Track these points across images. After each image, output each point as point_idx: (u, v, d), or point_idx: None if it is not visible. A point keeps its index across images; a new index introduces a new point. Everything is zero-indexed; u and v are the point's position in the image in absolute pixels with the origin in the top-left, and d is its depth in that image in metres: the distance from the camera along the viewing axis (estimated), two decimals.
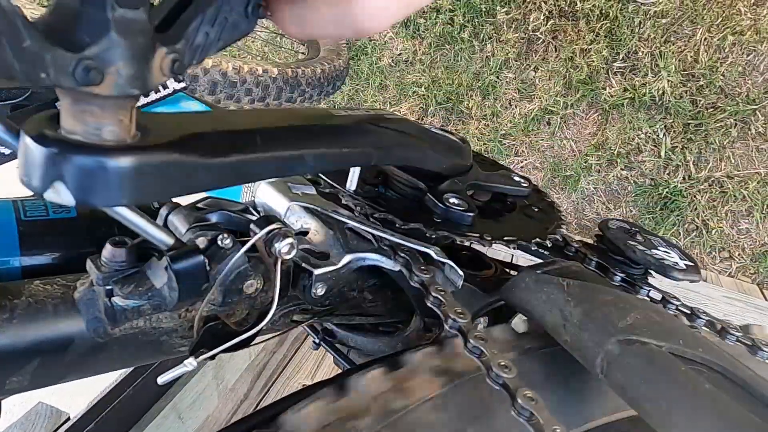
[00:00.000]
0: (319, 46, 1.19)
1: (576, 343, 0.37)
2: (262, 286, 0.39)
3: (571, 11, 2.21)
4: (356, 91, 2.53)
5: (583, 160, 2.21)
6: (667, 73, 2.07)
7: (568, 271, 0.43)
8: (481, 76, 2.33)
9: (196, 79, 0.93)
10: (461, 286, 0.44)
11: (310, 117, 0.34)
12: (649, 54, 2.11)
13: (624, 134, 2.15)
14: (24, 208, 0.41)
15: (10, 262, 0.38)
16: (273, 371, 1.54)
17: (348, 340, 0.58)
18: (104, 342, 0.35)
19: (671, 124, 2.10)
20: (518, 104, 2.31)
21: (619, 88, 2.15)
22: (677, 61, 2.08)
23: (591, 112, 2.23)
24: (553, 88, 2.24)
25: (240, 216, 0.40)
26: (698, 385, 0.31)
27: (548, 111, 2.25)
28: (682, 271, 0.50)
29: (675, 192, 2.10)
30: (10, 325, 0.32)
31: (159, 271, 0.33)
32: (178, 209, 0.39)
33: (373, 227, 0.41)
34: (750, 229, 2.07)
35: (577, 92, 2.20)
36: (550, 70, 2.25)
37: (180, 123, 0.26)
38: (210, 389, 1.36)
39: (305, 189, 0.43)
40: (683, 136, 2.09)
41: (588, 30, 2.17)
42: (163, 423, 1.18)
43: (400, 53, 2.44)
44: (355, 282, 0.50)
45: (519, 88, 2.30)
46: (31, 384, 0.34)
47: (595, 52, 2.16)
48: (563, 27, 2.22)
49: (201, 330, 0.36)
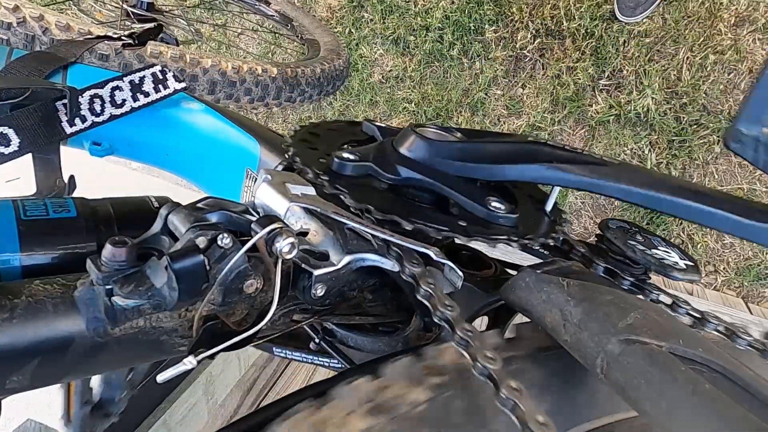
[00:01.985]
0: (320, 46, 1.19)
1: (576, 343, 0.37)
2: (262, 286, 0.39)
3: (557, 30, 2.25)
4: (347, 107, 2.56)
5: None
6: (652, 90, 2.11)
7: (568, 271, 0.43)
8: (470, 93, 2.37)
9: (195, 79, 0.93)
10: (461, 286, 0.44)
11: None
12: (634, 72, 2.16)
13: (610, 150, 2.21)
14: (24, 207, 0.41)
15: (10, 262, 0.38)
16: (263, 387, 1.54)
17: (348, 340, 0.58)
18: (104, 342, 0.35)
19: (656, 141, 2.15)
20: (507, 120, 2.35)
21: (605, 105, 2.20)
22: (661, 79, 2.13)
23: (578, 129, 2.27)
24: (540, 105, 2.28)
25: (240, 216, 0.40)
26: (698, 385, 0.31)
27: (536, 127, 2.29)
28: (682, 270, 0.50)
29: None
30: (10, 325, 0.32)
31: (159, 270, 0.33)
32: (178, 209, 0.39)
33: (372, 228, 0.41)
34: (734, 243, 2.11)
35: (564, 109, 2.25)
36: (537, 87, 2.29)
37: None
38: (200, 405, 1.36)
39: (305, 190, 0.43)
40: (668, 152, 2.14)
41: (574, 48, 2.22)
42: None
43: (390, 70, 2.48)
44: (355, 282, 0.50)
45: (507, 105, 2.34)
46: (31, 384, 0.34)
47: (581, 70, 2.21)
48: (550, 45, 2.27)
49: (200, 329, 0.36)
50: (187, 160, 0.72)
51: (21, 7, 0.80)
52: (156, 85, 0.65)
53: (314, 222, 0.43)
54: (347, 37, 2.50)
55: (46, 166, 0.59)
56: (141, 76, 0.64)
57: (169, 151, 0.71)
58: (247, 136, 0.68)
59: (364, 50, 2.47)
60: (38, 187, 0.60)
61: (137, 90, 0.64)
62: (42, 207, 0.42)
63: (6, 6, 0.79)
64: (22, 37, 0.80)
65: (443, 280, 0.44)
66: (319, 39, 1.23)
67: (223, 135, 0.69)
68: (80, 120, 0.59)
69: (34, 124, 0.55)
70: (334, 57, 1.10)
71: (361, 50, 2.48)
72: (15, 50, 0.63)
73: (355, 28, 2.49)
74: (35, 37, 0.81)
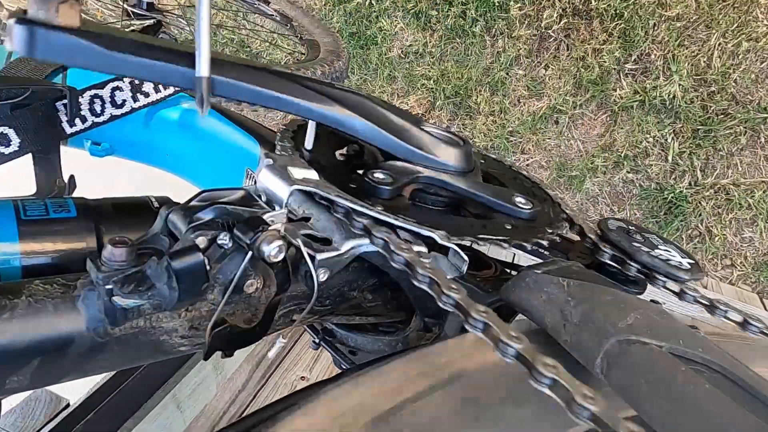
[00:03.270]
0: (320, 47, 1.19)
1: (576, 343, 0.37)
2: (262, 285, 0.40)
3: (585, 10, 2.19)
4: (364, 81, 2.50)
5: (590, 161, 2.21)
6: (679, 77, 2.06)
7: (568, 271, 0.43)
8: (490, 72, 2.31)
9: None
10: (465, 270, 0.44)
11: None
12: (662, 57, 2.10)
13: (632, 137, 2.14)
14: (24, 207, 0.41)
15: (10, 262, 0.38)
16: (271, 363, 1.55)
17: (348, 340, 0.58)
18: (104, 342, 0.35)
19: (680, 129, 2.09)
20: (527, 102, 2.29)
21: (630, 90, 2.14)
22: (690, 65, 2.07)
23: (600, 113, 2.22)
24: (563, 87, 2.22)
25: (236, 208, 0.39)
26: (698, 385, 0.31)
27: (557, 110, 2.24)
28: (688, 271, 0.49)
29: (680, 197, 2.10)
30: (10, 325, 0.32)
31: (159, 270, 0.33)
32: (177, 208, 0.39)
33: (376, 212, 0.41)
34: (753, 238, 2.07)
35: (587, 92, 2.19)
36: (561, 69, 2.23)
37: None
38: (209, 380, 1.38)
39: (307, 173, 0.42)
40: (692, 141, 2.08)
41: (601, 30, 2.16)
42: (162, 412, 1.19)
43: (410, 44, 2.42)
44: (355, 282, 0.50)
45: (529, 86, 2.28)
46: (31, 383, 0.34)
47: (607, 53, 2.15)
48: (576, 26, 2.21)
49: (210, 336, 0.36)
50: (187, 161, 0.72)
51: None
52: (156, 85, 0.65)
53: (316, 206, 0.43)
54: (367, 9, 2.42)
55: (46, 166, 0.59)
56: None
57: (169, 151, 0.71)
58: (247, 137, 0.68)
59: (384, 23, 2.41)
60: (38, 187, 0.60)
61: (137, 90, 0.64)
62: (42, 207, 0.42)
63: (8, 7, 0.79)
64: None
65: (448, 264, 0.44)
66: (318, 39, 1.23)
67: (223, 135, 0.69)
68: (80, 120, 0.59)
69: (35, 125, 0.55)
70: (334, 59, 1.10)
71: (381, 23, 2.41)
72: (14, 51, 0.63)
73: (375, 0, 2.44)
74: None
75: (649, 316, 0.37)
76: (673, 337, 0.35)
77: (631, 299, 0.40)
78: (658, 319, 0.37)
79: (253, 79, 0.38)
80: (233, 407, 1.41)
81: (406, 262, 0.38)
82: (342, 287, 0.49)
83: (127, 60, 0.33)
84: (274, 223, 0.38)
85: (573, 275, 0.42)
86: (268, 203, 0.42)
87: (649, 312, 0.38)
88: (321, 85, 0.43)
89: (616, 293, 0.40)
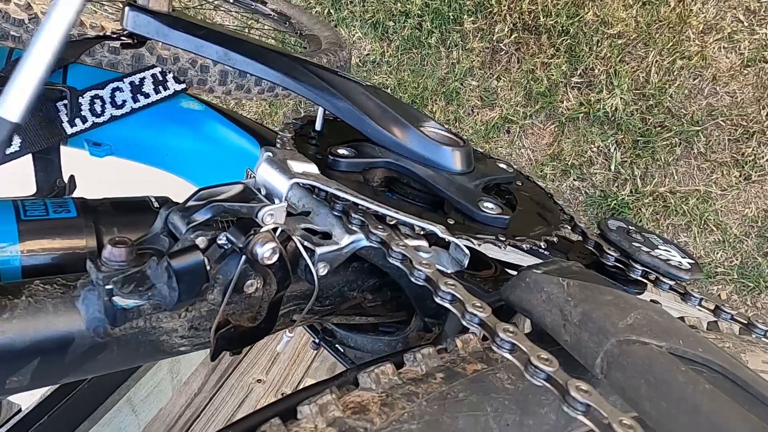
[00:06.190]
0: (320, 41, 1.19)
1: (576, 343, 0.37)
2: (262, 285, 0.40)
3: (534, 25, 2.29)
4: None
5: (539, 169, 2.31)
6: (621, 91, 2.17)
7: (568, 271, 0.43)
8: (446, 82, 2.40)
9: (206, 70, 0.97)
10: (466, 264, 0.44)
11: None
12: (605, 72, 2.21)
13: (578, 146, 2.25)
14: (24, 207, 0.41)
15: (10, 262, 0.38)
16: (227, 366, 1.54)
17: (348, 340, 0.58)
18: (104, 342, 0.35)
19: (622, 140, 2.20)
20: (480, 111, 2.38)
21: (576, 102, 2.24)
22: (630, 80, 2.18)
23: (548, 124, 2.31)
24: (514, 98, 2.32)
25: (233, 205, 0.39)
26: (698, 385, 0.31)
27: (508, 120, 2.33)
28: (688, 270, 0.49)
29: (622, 204, 2.21)
30: (10, 325, 0.32)
31: (159, 270, 0.33)
32: (176, 209, 0.38)
33: (377, 205, 0.41)
34: (688, 242, 2.16)
35: (537, 104, 2.29)
36: (512, 81, 2.33)
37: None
38: (165, 383, 1.37)
39: (307, 167, 0.42)
40: (632, 151, 2.19)
41: (549, 45, 2.26)
42: (117, 416, 1.18)
43: (367, 54, 2.49)
44: (355, 282, 0.50)
45: (482, 96, 2.37)
46: (31, 383, 0.34)
47: (555, 66, 2.25)
48: (526, 40, 2.30)
49: (215, 338, 0.37)
50: (187, 161, 0.72)
51: (32, 4, 0.80)
52: (156, 86, 0.65)
53: (316, 200, 0.42)
54: (326, 18, 2.48)
55: (46, 166, 0.59)
56: (141, 77, 0.64)
57: (169, 152, 0.71)
58: (246, 137, 0.68)
59: (343, 32, 2.47)
60: (38, 187, 0.60)
61: (137, 91, 0.64)
62: (42, 207, 0.42)
63: (17, 3, 0.79)
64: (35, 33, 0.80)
65: (449, 258, 0.44)
66: (318, 34, 1.24)
67: (223, 135, 0.69)
68: (81, 120, 0.59)
69: (35, 125, 0.55)
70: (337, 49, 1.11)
71: (339, 32, 2.48)
72: (15, 50, 0.63)
73: (334, 9, 2.49)
74: None
75: (649, 316, 0.37)
76: (673, 337, 0.35)
77: (631, 299, 0.40)
78: (658, 319, 0.37)
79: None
80: (188, 410, 1.41)
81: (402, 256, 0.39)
82: (342, 287, 0.49)
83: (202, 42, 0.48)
84: (271, 219, 0.38)
85: (573, 275, 0.42)
86: (268, 197, 0.41)
87: (649, 312, 0.37)
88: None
89: (616, 293, 0.40)
